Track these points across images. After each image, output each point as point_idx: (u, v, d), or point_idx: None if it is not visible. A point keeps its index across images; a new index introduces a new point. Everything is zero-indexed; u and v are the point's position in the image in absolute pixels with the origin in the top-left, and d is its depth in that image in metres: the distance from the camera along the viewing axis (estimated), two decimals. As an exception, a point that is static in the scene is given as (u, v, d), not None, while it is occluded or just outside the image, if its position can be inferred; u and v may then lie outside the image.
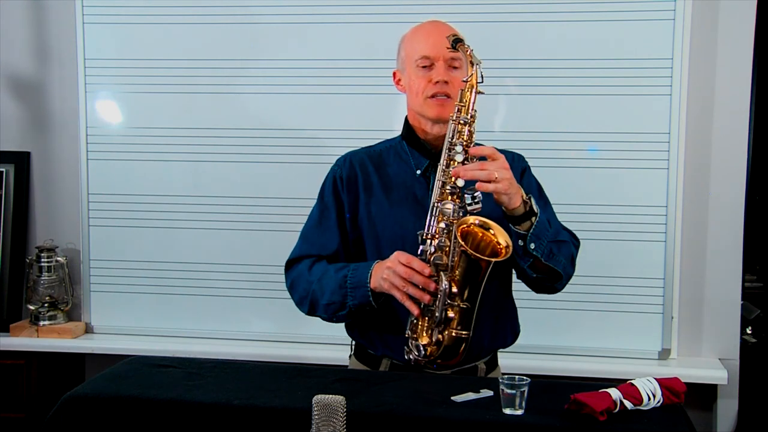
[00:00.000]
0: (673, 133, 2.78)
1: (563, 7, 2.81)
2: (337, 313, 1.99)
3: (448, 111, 1.96)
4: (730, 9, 2.78)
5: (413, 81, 2.01)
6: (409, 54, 2.03)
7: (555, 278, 1.97)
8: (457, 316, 1.83)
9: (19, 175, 3.21)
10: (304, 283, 2.04)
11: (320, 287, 2.00)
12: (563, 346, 2.87)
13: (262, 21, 2.99)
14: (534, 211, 1.88)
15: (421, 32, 2.03)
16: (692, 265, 2.85)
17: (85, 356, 3.22)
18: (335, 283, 1.96)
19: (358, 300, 1.93)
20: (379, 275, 1.89)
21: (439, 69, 1.97)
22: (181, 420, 1.70)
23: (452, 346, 1.85)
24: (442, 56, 1.97)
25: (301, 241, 2.12)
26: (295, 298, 2.09)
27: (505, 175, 1.82)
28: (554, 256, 1.92)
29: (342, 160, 2.12)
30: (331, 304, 1.98)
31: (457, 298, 1.83)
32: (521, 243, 1.88)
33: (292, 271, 2.09)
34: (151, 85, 3.06)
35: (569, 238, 2.01)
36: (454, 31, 1.99)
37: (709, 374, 2.76)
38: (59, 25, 3.15)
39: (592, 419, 1.58)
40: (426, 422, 1.62)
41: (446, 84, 1.96)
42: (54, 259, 3.14)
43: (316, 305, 2.02)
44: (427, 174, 2.03)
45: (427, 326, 1.86)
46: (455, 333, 1.84)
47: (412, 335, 1.88)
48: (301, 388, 1.79)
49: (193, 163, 3.05)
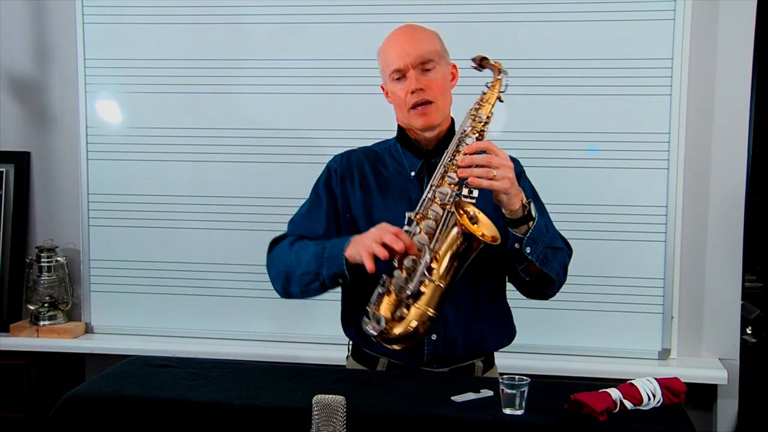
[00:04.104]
0: (673, 133, 2.78)
1: (563, 7, 2.81)
2: (310, 284, 1.94)
3: (433, 118, 1.97)
4: (730, 9, 2.78)
5: (393, 94, 2.02)
6: (383, 68, 2.03)
7: (547, 284, 1.98)
8: (429, 292, 1.79)
9: (19, 175, 3.21)
10: (283, 257, 2.01)
11: (297, 258, 1.97)
12: (563, 346, 2.87)
13: (261, 21, 2.99)
14: (532, 215, 1.87)
15: (388, 44, 2.02)
16: (692, 265, 2.85)
17: (85, 356, 3.22)
18: (312, 254, 1.93)
19: (332, 270, 1.88)
20: (359, 243, 1.83)
21: (411, 79, 1.95)
22: (181, 420, 1.70)
23: (415, 324, 1.79)
24: (411, 65, 1.96)
25: (289, 226, 2.11)
26: (271, 273, 2.05)
27: (507, 174, 1.80)
28: (549, 261, 1.92)
29: (339, 157, 2.13)
30: (305, 274, 1.93)
31: (435, 273, 1.78)
32: (517, 246, 1.88)
33: (274, 249, 2.07)
34: (151, 85, 3.06)
35: (564, 246, 2.01)
36: (423, 35, 1.99)
37: (709, 374, 2.76)
38: (59, 25, 3.15)
39: (592, 419, 1.58)
40: (426, 422, 1.62)
41: (423, 91, 1.95)
42: (54, 259, 3.14)
43: (291, 278, 1.97)
44: (420, 175, 2.04)
45: (395, 300, 1.81)
46: (423, 309, 1.78)
47: (375, 306, 1.83)
48: (301, 388, 1.79)
49: (193, 163, 3.05)
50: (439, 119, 1.99)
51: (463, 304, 2.01)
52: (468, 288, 2.00)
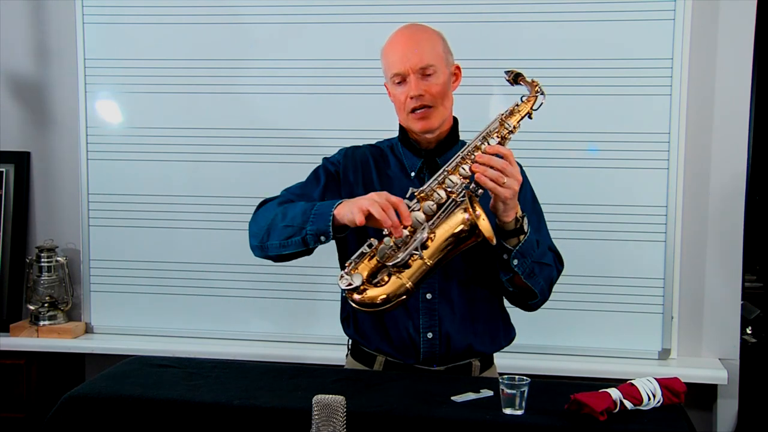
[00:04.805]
0: (673, 133, 2.78)
1: (563, 7, 2.81)
2: (290, 237, 1.90)
3: (432, 122, 1.98)
4: (730, 9, 2.78)
5: (394, 96, 2.02)
6: (385, 69, 2.03)
7: (530, 296, 1.99)
8: (415, 267, 1.82)
9: (19, 175, 3.21)
10: (269, 213, 1.98)
11: (284, 212, 1.94)
12: (563, 346, 2.87)
13: (261, 21, 2.99)
14: (524, 229, 1.89)
15: (390, 46, 2.02)
16: (692, 265, 2.85)
17: (85, 356, 3.22)
18: (300, 210, 1.91)
19: (316, 226, 1.86)
20: (351, 202, 1.83)
21: (411, 84, 1.95)
22: (181, 420, 1.70)
23: (392, 293, 1.81)
24: (411, 69, 1.95)
25: (282, 192, 2.09)
26: (252, 228, 2.01)
27: (513, 186, 1.83)
28: (534, 276, 1.94)
29: (344, 150, 2.14)
30: (288, 226, 1.90)
31: (426, 252, 1.82)
32: (505, 257, 1.90)
33: (261, 208, 2.05)
34: (151, 85, 3.06)
35: (553, 262, 2.02)
36: (425, 38, 1.98)
37: (709, 374, 2.76)
38: (59, 25, 3.15)
39: (592, 419, 1.58)
40: (426, 422, 1.62)
41: (422, 96, 1.96)
42: (54, 259, 3.14)
43: (273, 229, 1.93)
44: (420, 175, 2.05)
45: (376, 264, 1.83)
46: (404, 281, 1.80)
47: (355, 264, 1.84)
48: (301, 388, 1.79)
49: (193, 163, 3.05)
50: (438, 123, 2.00)
51: (458, 305, 2.02)
52: (463, 290, 2.02)
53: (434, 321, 2.00)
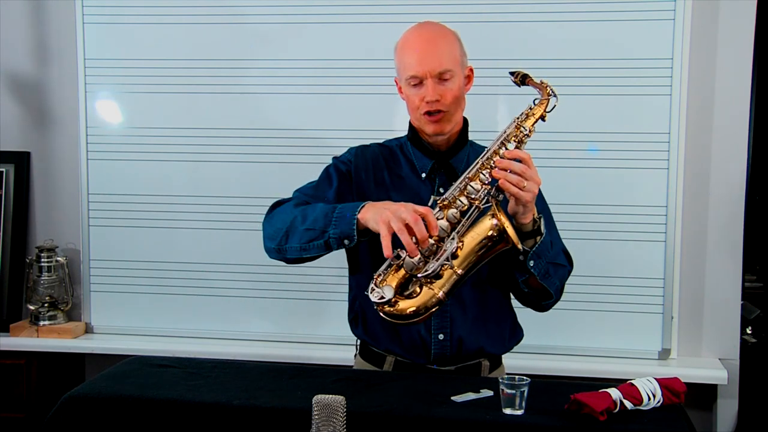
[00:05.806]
0: (673, 133, 2.78)
1: (563, 7, 2.81)
2: (313, 241, 1.87)
3: (444, 126, 1.98)
4: (730, 9, 2.78)
5: (408, 97, 2.00)
6: (400, 69, 2.01)
7: (544, 297, 2.00)
8: (446, 277, 1.81)
9: (19, 175, 3.21)
10: (286, 215, 1.95)
11: (303, 215, 1.91)
12: (563, 346, 2.87)
13: (261, 21, 2.99)
14: (541, 230, 1.90)
15: (408, 47, 1.99)
16: (692, 265, 2.85)
17: (85, 356, 3.22)
18: (321, 212, 1.89)
19: (339, 229, 1.83)
20: (376, 210, 1.80)
21: (428, 88, 1.94)
22: (181, 420, 1.70)
23: (423, 304, 1.80)
24: (430, 73, 1.94)
25: (294, 193, 2.07)
26: (267, 230, 1.98)
27: (533, 189, 1.84)
28: (550, 277, 1.94)
29: (354, 149, 2.12)
30: (310, 230, 1.87)
31: (457, 261, 1.81)
32: (521, 258, 1.90)
33: (275, 209, 2.02)
34: (151, 85, 3.06)
35: (566, 263, 2.03)
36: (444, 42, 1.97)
37: (709, 374, 2.76)
38: (59, 25, 3.15)
39: (592, 419, 1.58)
40: (426, 422, 1.62)
41: (438, 101, 1.95)
42: (54, 259, 3.14)
43: (292, 232, 1.90)
44: (432, 176, 2.04)
45: (405, 276, 1.82)
46: (436, 291, 1.79)
47: (384, 276, 1.82)
48: (301, 388, 1.79)
49: (193, 163, 3.05)
50: (450, 127, 1.99)
51: (470, 306, 2.02)
52: (476, 292, 2.02)
53: (446, 322, 2.00)
